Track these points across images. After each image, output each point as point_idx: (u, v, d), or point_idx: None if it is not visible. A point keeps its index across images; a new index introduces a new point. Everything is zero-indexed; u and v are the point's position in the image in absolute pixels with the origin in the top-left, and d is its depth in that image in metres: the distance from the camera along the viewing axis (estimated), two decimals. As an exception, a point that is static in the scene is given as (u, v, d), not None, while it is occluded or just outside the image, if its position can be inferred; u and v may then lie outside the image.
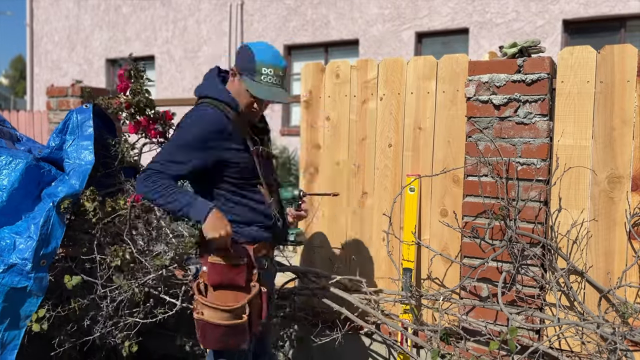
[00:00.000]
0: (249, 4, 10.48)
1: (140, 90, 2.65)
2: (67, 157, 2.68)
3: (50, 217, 2.43)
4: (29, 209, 2.53)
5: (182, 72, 11.29)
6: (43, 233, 2.40)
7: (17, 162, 2.57)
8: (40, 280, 2.39)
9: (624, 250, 2.28)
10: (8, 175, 2.54)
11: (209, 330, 1.99)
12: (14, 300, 2.37)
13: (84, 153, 2.66)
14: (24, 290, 2.36)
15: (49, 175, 2.64)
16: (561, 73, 2.36)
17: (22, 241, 2.39)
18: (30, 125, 7.78)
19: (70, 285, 2.45)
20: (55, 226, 2.44)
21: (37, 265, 2.37)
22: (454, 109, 2.61)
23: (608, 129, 2.29)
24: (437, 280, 2.67)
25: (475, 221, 2.49)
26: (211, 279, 2.01)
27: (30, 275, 2.36)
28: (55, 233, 2.43)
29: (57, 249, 2.45)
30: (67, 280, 2.45)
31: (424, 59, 2.69)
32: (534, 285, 2.37)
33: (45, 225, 2.41)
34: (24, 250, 2.38)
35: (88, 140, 2.68)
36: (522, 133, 2.38)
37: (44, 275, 2.40)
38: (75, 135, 2.70)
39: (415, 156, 2.73)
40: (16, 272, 2.35)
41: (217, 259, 1.99)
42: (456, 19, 8.50)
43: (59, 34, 13.15)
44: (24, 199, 2.54)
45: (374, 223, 2.86)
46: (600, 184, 2.31)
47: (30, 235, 2.40)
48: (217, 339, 2.00)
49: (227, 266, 1.99)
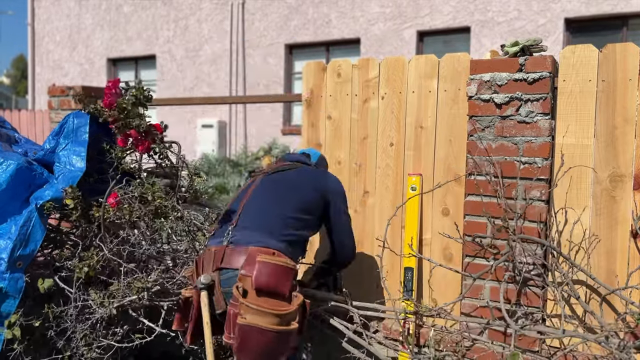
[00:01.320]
0: (250, 2, 10.48)
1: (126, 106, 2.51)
2: (58, 160, 2.62)
3: (31, 218, 2.37)
4: (16, 212, 2.48)
5: (184, 72, 11.29)
6: (22, 233, 2.34)
7: (8, 164, 2.52)
8: (15, 281, 2.32)
9: (626, 249, 2.27)
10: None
11: (254, 336, 1.84)
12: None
13: (76, 159, 2.60)
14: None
15: (41, 178, 2.59)
16: (563, 72, 2.35)
17: (1, 242, 2.34)
18: (31, 125, 7.79)
19: (43, 289, 2.37)
20: (36, 227, 2.38)
21: (12, 265, 2.31)
22: (455, 108, 2.60)
23: (610, 127, 2.28)
24: (439, 287, 2.66)
25: (476, 221, 2.48)
26: (259, 280, 1.91)
27: (5, 276, 2.31)
28: (34, 235, 2.37)
29: (36, 251, 2.39)
30: (39, 283, 2.38)
31: (426, 58, 2.69)
32: (538, 286, 2.36)
33: (25, 226, 2.35)
34: (1, 250, 2.32)
35: (81, 146, 2.62)
36: (523, 132, 2.37)
37: (20, 277, 2.34)
38: (70, 139, 2.65)
39: (416, 155, 2.72)
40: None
41: (269, 258, 1.93)
42: (458, 17, 8.48)
43: (61, 33, 13.16)
44: (12, 200, 2.49)
45: (376, 222, 2.85)
46: (602, 182, 2.30)
47: (10, 236, 2.34)
48: (260, 347, 1.86)
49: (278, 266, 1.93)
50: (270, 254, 1.99)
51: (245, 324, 1.84)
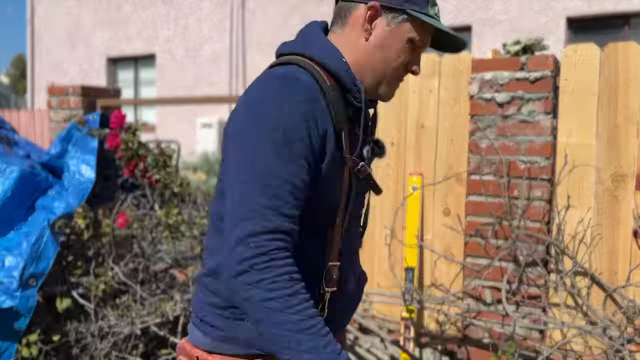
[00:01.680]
0: (250, 2, 10.47)
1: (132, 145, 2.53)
2: (67, 169, 2.57)
3: (43, 235, 2.33)
4: (22, 219, 2.45)
5: (183, 71, 11.28)
6: (34, 251, 2.30)
7: (12, 170, 2.47)
8: (26, 300, 2.27)
9: (628, 249, 2.26)
10: (1, 184, 2.45)
11: None
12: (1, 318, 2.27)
13: (86, 169, 2.55)
14: (10, 310, 2.25)
15: (45, 183, 2.55)
16: (565, 71, 2.34)
17: (11, 259, 2.29)
18: (31, 125, 7.78)
19: (61, 309, 2.35)
20: (48, 245, 2.34)
21: (24, 284, 2.27)
22: (457, 107, 2.59)
23: (612, 127, 2.27)
24: (441, 285, 2.65)
25: (478, 220, 2.47)
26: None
27: (16, 294, 2.25)
28: (47, 252, 2.33)
29: (48, 269, 2.34)
30: (58, 302, 2.35)
31: (427, 57, 2.67)
32: (539, 286, 2.35)
33: (37, 244, 2.31)
34: (11, 268, 2.28)
35: (91, 154, 2.57)
36: (525, 131, 2.36)
37: (31, 295, 2.29)
38: (78, 147, 2.60)
39: (417, 155, 2.71)
40: (2, 290, 2.24)
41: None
42: (459, 16, 8.47)
43: (60, 32, 13.15)
44: (17, 208, 2.45)
45: (377, 222, 2.84)
46: (604, 182, 2.29)
47: (20, 253, 2.29)
48: None
49: None
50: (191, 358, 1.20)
51: None
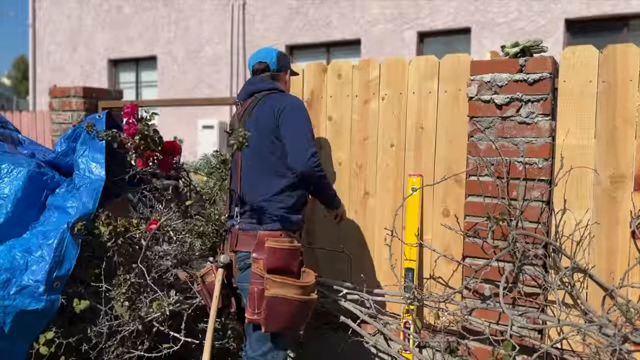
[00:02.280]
0: (251, 4, 10.49)
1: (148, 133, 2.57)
2: (77, 168, 2.59)
3: (64, 238, 2.37)
4: (34, 219, 2.48)
5: (185, 73, 11.30)
6: (57, 255, 2.34)
7: (19, 170, 2.50)
8: (52, 303, 2.33)
9: (627, 249, 2.27)
10: (10, 184, 2.47)
11: (281, 306, 2.07)
12: (22, 321, 2.31)
13: (95, 167, 2.58)
14: (35, 312, 2.30)
15: (53, 182, 2.58)
16: (563, 72, 2.35)
17: (34, 261, 2.33)
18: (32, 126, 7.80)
19: (79, 310, 2.40)
20: (69, 248, 2.38)
21: (50, 287, 2.32)
22: (456, 109, 2.61)
23: (610, 128, 2.28)
24: (440, 279, 2.66)
25: (477, 221, 2.48)
26: (270, 263, 2.12)
27: (42, 298, 2.30)
28: (68, 255, 2.38)
29: (71, 270, 2.39)
30: (75, 304, 2.41)
31: (426, 59, 2.69)
32: (537, 285, 2.36)
33: (59, 247, 2.36)
34: (37, 271, 2.32)
35: (100, 153, 2.60)
36: (524, 133, 2.38)
37: (56, 298, 2.35)
38: (87, 145, 2.62)
39: (417, 156, 2.72)
40: (28, 294, 2.29)
41: (276, 243, 2.13)
42: (458, 18, 8.49)
43: (61, 34, 13.18)
44: (28, 208, 2.48)
45: (376, 223, 2.85)
46: (603, 183, 2.30)
47: (42, 256, 2.34)
48: (286, 316, 2.09)
49: (285, 250, 2.14)
50: (277, 236, 2.18)
51: (272, 295, 2.07)
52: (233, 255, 2.27)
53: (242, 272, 2.24)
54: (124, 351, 2.45)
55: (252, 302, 2.13)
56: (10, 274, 2.30)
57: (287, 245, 2.15)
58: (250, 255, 2.18)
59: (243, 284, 2.24)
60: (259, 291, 2.11)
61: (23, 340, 2.36)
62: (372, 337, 2.59)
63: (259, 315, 2.10)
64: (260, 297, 2.10)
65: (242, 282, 2.24)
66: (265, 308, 2.08)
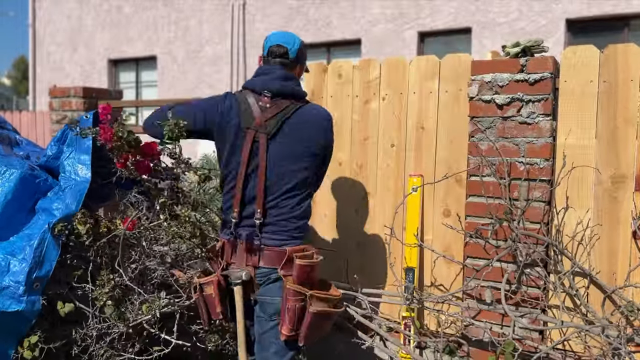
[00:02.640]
0: (251, 4, 10.49)
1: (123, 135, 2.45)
2: (63, 170, 2.56)
3: (44, 239, 2.33)
4: (23, 222, 2.44)
5: (185, 73, 11.30)
6: (37, 255, 2.30)
7: (12, 172, 2.46)
8: (32, 304, 2.29)
9: (628, 250, 2.27)
10: (1, 186, 2.44)
11: (322, 322, 2.10)
12: (4, 323, 2.27)
13: (81, 168, 2.53)
14: (16, 313, 2.27)
15: (45, 185, 2.54)
16: (564, 72, 2.35)
17: (16, 263, 2.30)
18: (32, 126, 7.80)
19: (63, 313, 2.37)
20: (50, 248, 2.34)
21: (30, 288, 2.28)
22: (456, 109, 2.60)
23: (611, 128, 2.28)
24: (441, 286, 2.66)
25: (478, 222, 2.48)
26: (300, 279, 2.09)
27: (22, 299, 2.27)
28: (49, 255, 2.34)
29: (51, 271, 2.35)
30: (60, 307, 2.37)
31: (427, 59, 2.69)
32: (538, 287, 2.36)
33: (39, 247, 2.31)
34: (17, 273, 2.28)
35: (86, 154, 2.55)
36: (525, 133, 2.37)
37: (37, 299, 2.30)
38: (73, 147, 2.58)
39: (417, 156, 2.72)
40: (8, 295, 2.26)
41: (306, 261, 2.10)
42: (458, 18, 8.49)
43: (61, 34, 13.18)
44: (18, 212, 2.44)
45: (376, 223, 2.85)
46: (604, 183, 2.30)
47: (24, 258, 2.30)
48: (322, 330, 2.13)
49: (313, 266, 2.11)
50: (302, 251, 2.15)
51: (316, 311, 2.06)
52: (252, 270, 2.16)
53: (265, 286, 2.15)
54: (113, 354, 2.41)
55: (292, 318, 2.06)
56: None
57: (315, 262, 2.13)
58: (276, 271, 2.12)
59: (265, 297, 2.15)
60: (299, 307, 2.06)
61: (5, 344, 2.32)
62: (371, 338, 2.58)
63: (298, 330, 2.07)
64: (301, 314, 2.07)
65: (264, 296, 2.15)
66: (308, 323, 2.06)
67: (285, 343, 2.11)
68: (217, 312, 2.19)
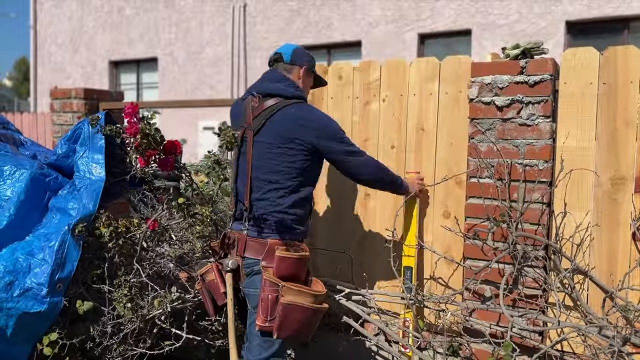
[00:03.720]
0: (252, 5, 10.50)
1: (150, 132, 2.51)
2: (77, 169, 2.58)
3: (65, 240, 2.37)
4: (37, 221, 2.47)
5: (185, 74, 11.31)
6: (58, 257, 2.34)
7: (22, 172, 2.49)
8: (54, 305, 2.33)
9: (627, 251, 2.27)
10: (12, 186, 2.46)
11: (295, 314, 2.10)
12: (25, 323, 2.31)
13: (95, 167, 2.57)
14: (37, 314, 2.30)
15: (56, 183, 2.57)
16: (564, 74, 2.36)
17: (36, 264, 2.33)
18: (34, 127, 7.81)
19: (82, 311, 2.40)
20: (71, 249, 2.38)
21: (52, 289, 2.32)
22: (456, 111, 2.61)
23: (611, 130, 2.28)
24: (440, 280, 2.66)
25: (477, 223, 2.48)
26: (279, 272, 2.14)
27: (45, 300, 2.30)
28: (70, 256, 2.38)
29: (73, 272, 2.39)
30: (79, 305, 2.41)
31: (427, 61, 2.69)
32: (537, 287, 2.36)
33: (60, 249, 2.35)
34: (40, 274, 2.31)
35: (99, 153, 2.59)
36: (525, 134, 2.38)
37: (59, 300, 2.35)
38: (87, 146, 2.61)
39: (417, 157, 2.73)
40: (31, 296, 2.29)
41: (285, 252, 2.15)
42: (459, 20, 8.50)
43: (63, 35, 13.19)
44: (31, 211, 2.47)
45: (377, 225, 2.85)
46: (603, 185, 2.30)
47: (44, 258, 2.34)
48: (299, 324, 2.11)
49: (294, 259, 2.15)
50: (285, 245, 2.22)
51: (288, 302, 2.09)
52: (240, 260, 2.26)
53: (249, 277, 2.24)
54: (126, 348, 2.46)
55: (265, 309, 2.12)
56: (14, 277, 2.30)
57: (296, 255, 2.17)
58: (259, 263, 2.20)
59: (249, 289, 2.23)
60: (272, 298, 2.11)
61: (25, 342, 2.36)
62: (373, 337, 2.59)
63: (272, 322, 2.11)
64: (274, 304, 2.11)
65: (248, 288, 2.24)
66: (280, 315, 2.09)
67: (262, 335, 2.16)
68: (220, 293, 2.26)
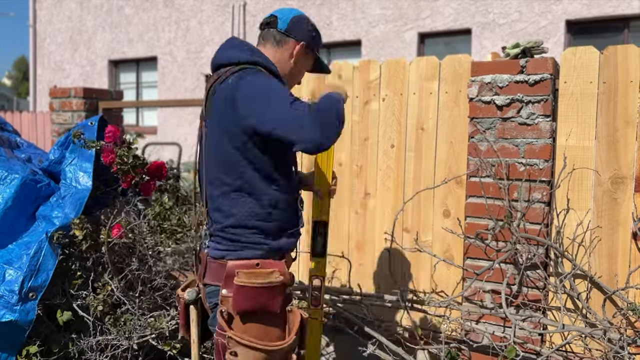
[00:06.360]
0: (252, 4, 10.49)
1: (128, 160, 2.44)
2: (64, 177, 2.52)
3: (42, 247, 2.29)
4: (23, 229, 2.41)
5: (185, 74, 11.30)
6: (32, 265, 2.26)
7: (12, 178, 2.43)
8: (26, 313, 2.24)
9: (627, 251, 2.27)
10: (2, 192, 2.40)
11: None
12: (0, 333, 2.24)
13: (83, 176, 2.50)
14: (9, 323, 2.23)
15: (47, 190, 2.52)
16: (564, 74, 2.35)
17: (11, 272, 2.27)
18: (33, 126, 7.81)
19: (62, 321, 2.34)
20: (47, 257, 2.30)
21: (24, 297, 2.24)
22: (456, 110, 2.60)
23: (611, 129, 2.28)
24: (441, 292, 2.66)
25: (477, 222, 2.48)
26: (240, 305, 1.58)
27: (16, 308, 2.23)
28: (46, 264, 2.30)
29: (48, 281, 2.31)
30: (59, 315, 2.35)
31: (427, 60, 2.69)
32: (539, 288, 2.36)
33: (35, 256, 2.27)
34: (12, 282, 2.25)
35: (88, 162, 2.51)
36: (524, 134, 2.37)
37: (31, 308, 2.26)
38: (76, 154, 2.55)
39: (417, 157, 2.72)
40: (2, 304, 2.22)
41: (246, 279, 1.58)
42: (459, 19, 8.49)
43: (62, 35, 13.18)
44: (18, 217, 2.41)
45: (377, 224, 2.85)
46: (604, 184, 2.30)
47: (20, 266, 2.27)
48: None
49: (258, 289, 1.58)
50: (250, 266, 1.62)
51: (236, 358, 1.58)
52: (202, 288, 1.74)
53: (213, 312, 1.70)
54: None
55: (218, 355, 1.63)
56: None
57: (259, 282, 1.57)
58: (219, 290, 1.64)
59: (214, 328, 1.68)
60: (222, 346, 1.59)
61: (3, 352, 2.29)
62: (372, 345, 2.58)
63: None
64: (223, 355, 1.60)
65: (214, 326, 1.68)
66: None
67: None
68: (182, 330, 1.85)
